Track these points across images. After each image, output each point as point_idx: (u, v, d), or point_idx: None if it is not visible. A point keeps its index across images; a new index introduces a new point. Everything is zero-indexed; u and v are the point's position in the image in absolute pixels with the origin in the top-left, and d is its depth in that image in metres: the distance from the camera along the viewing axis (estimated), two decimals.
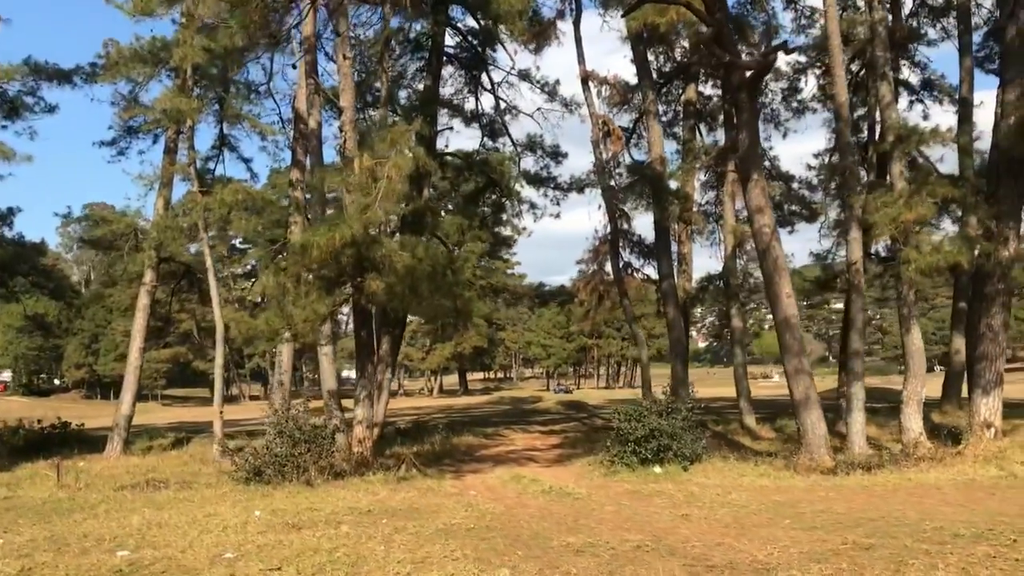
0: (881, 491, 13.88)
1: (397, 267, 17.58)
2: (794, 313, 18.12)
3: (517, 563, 9.12)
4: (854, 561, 8.72)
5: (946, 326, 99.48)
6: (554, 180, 30.30)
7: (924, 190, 17.68)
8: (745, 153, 17.75)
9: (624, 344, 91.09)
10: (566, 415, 40.07)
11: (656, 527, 11.22)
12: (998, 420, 18.88)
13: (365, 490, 15.38)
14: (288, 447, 17.18)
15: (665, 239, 23.85)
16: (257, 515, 12.64)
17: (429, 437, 25.93)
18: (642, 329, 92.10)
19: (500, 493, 15.06)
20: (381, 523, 11.83)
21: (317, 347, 23.21)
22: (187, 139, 25.37)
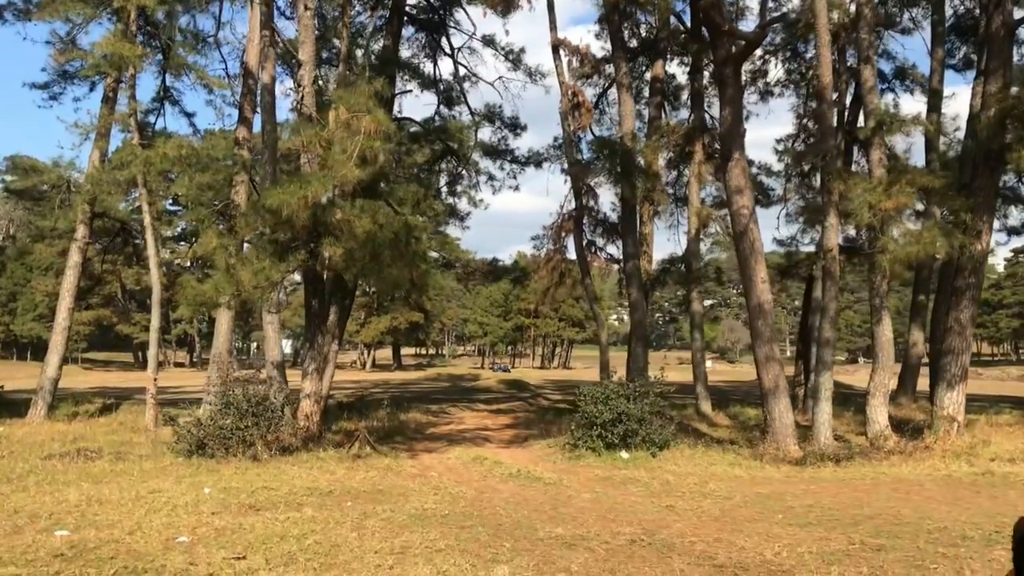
0: (861, 485, 13.43)
1: (357, 232, 16.54)
2: (768, 299, 17.63)
3: (510, 557, 8.32)
4: (871, 563, 8.14)
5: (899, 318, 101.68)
6: (511, 153, 29.43)
7: (903, 179, 17.26)
8: (727, 130, 17.12)
9: (561, 324, 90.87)
10: (509, 394, 39.35)
11: (644, 519, 10.52)
12: (961, 415, 18.75)
13: (319, 468, 14.43)
14: (235, 419, 16.07)
15: (632, 218, 23.17)
16: (207, 492, 11.62)
17: (374, 412, 24.95)
18: (580, 312, 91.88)
19: (464, 475, 14.23)
20: (346, 506, 10.93)
21: (263, 315, 22.05)
22: (129, 88, 23.73)
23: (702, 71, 26.85)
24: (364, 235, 16.63)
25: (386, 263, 16.82)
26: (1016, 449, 17.15)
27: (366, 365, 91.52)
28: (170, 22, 24.70)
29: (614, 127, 28.77)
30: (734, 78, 17.13)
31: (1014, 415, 21.91)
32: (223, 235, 22.05)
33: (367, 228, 16.65)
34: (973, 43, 28.57)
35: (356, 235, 16.58)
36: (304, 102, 19.53)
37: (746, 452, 17.31)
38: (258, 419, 16.35)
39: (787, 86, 29.38)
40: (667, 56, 26.94)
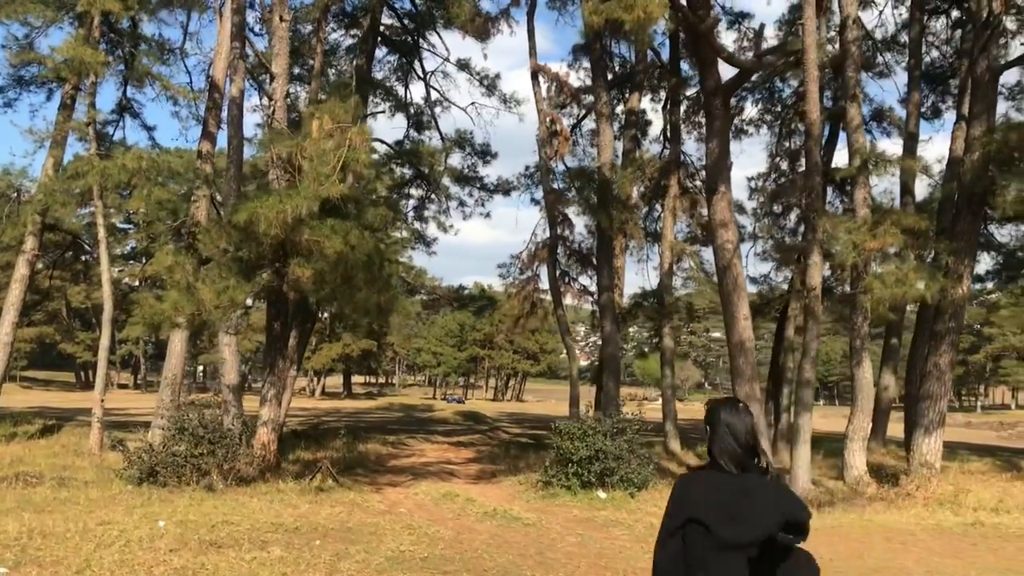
0: (852, 534, 12.89)
1: (327, 253, 15.76)
2: (750, 336, 17.19)
3: None
4: None
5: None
6: (480, 180, 28.87)
7: (888, 219, 16.99)
8: (714, 163, 16.74)
9: (515, 357, 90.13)
10: (467, 426, 38.49)
11: (638, 568, 9.84)
12: (938, 461, 18.41)
13: (281, 501, 13.50)
14: (190, 446, 15.09)
15: (608, 249, 22.66)
16: (162, 525, 10.67)
17: (330, 442, 24.02)
18: (535, 345, 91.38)
19: (436, 513, 13.42)
20: (315, 545, 10.07)
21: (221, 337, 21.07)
22: (89, 95, 22.74)
23: (679, 104, 26.63)
24: (335, 256, 15.87)
25: (358, 286, 16.07)
26: (995, 498, 16.82)
27: (315, 392, 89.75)
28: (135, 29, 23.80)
29: (587, 158, 28.45)
30: (723, 109, 16.79)
31: (985, 463, 21.70)
32: (180, 253, 21.12)
33: (338, 249, 15.88)
34: (940, 91, 28.90)
35: (327, 256, 15.82)
36: (276, 116, 18.79)
37: None
38: (214, 447, 15.40)
39: (759, 125, 29.29)
40: (643, 89, 26.66)
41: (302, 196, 13.30)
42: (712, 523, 3.38)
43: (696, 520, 3.42)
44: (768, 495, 3.47)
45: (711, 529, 3.37)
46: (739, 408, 3.63)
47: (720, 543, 3.36)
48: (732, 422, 3.60)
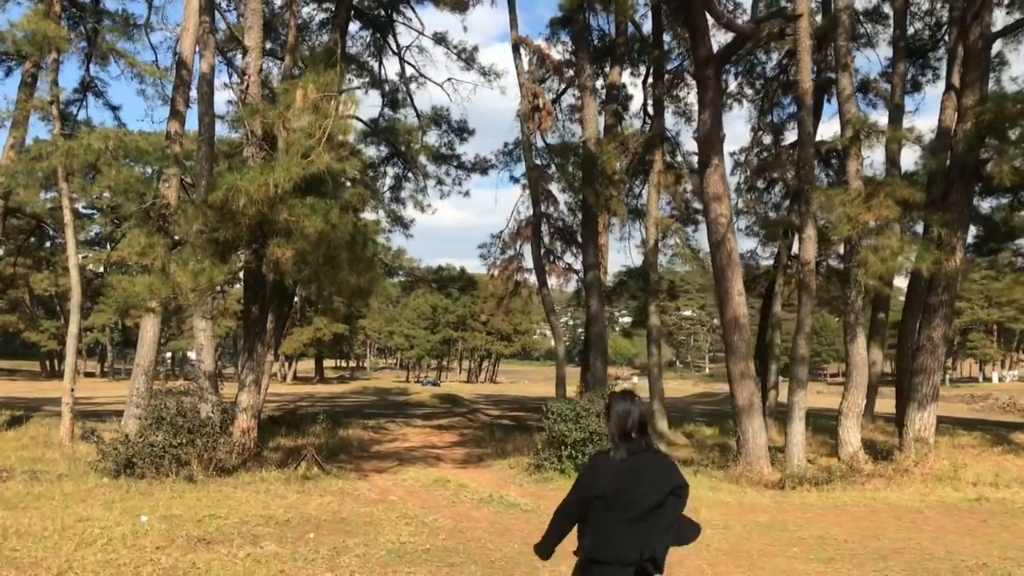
0: (858, 512, 12.57)
1: (308, 232, 15.11)
2: (744, 312, 16.79)
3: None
4: None
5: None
6: (457, 158, 28.23)
7: (882, 191, 16.63)
8: (706, 135, 16.25)
9: (489, 338, 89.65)
10: (445, 409, 37.96)
11: None
12: (932, 436, 18.19)
13: (267, 491, 12.91)
14: (168, 436, 14.43)
15: (593, 226, 22.17)
16: (145, 521, 10.06)
17: (310, 428, 23.37)
18: (509, 326, 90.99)
19: (430, 501, 12.91)
20: (309, 538, 9.53)
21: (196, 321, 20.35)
22: (51, 72, 21.77)
23: (662, 78, 26.11)
24: (316, 235, 15.24)
25: (341, 266, 15.44)
26: (991, 473, 16.68)
27: (287, 378, 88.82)
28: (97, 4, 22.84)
29: (567, 134, 27.90)
30: (715, 80, 16.29)
31: (974, 436, 21.56)
32: (152, 235, 20.31)
33: (319, 228, 15.25)
34: (920, 64, 28.61)
35: (307, 235, 15.18)
36: (249, 91, 18.04)
37: (719, 474, 16.39)
38: (194, 436, 14.76)
39: (740, 100, 28.87)
40: (623, 63, 26.09)
41: (285, 168, 12.62)
42: (612, 499, 4.17)
43: (600, 496, 4.20)
44: (656, 472, 4.30)
45: (611, 504, 4.17)
46: (631, 399, 4.45)
47: (620, 516, 4.16)
48: (625, 409, 4.41)
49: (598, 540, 4.24)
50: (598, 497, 4.21)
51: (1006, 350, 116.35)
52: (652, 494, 4.21)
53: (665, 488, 4.26)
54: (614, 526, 4.19)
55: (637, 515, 4.18)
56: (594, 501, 4.22)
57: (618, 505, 4.16)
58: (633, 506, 4.18)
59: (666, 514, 4.27)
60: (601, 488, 4.21)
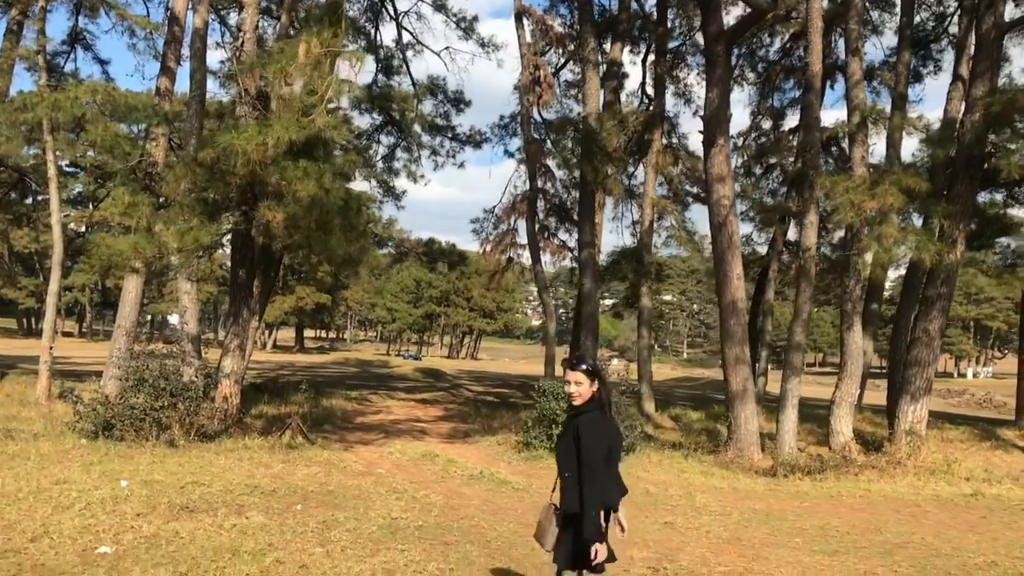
0: (855, 504, 12.36)
1: (301, 196, 14.68)
2: (742, 296, 16.52)
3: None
4: None
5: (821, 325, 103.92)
6: (452, 129, 27.72)
7: (887, 178, 16.32)
8: (713, 114, 15.88)
9: (472, 315, 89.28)
10: (428, 383, 37.61)
11: (648, 539, 9.13)
12: (923, 428, 18.01)
13: (250, 459, 12.55)
14: (149, 399, 14.02)
15: (590, 203, 21.77)
16: (125, 486, 9.68)
17: (292, 396, 22.97)
18: (491, 303, 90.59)
19: (418, 476, 12.59)
20: (296, 510, 9.19)
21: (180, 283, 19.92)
22: (38, 21, 21.09)
23: (664, 56, 25.68)
24: (309, 200, 14.82)
25: (334, 233, 15.02)
26: (980, 468, 16.52)
27: (266, 345, 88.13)
28: None
29: (563, 110, 27.45)
30: (725, 57, 15.92)
31: (962, 431, 21.46)
32: (138, 193, 19.76)
33: (312, 192, 14.83)
34: (923, 55, 28.32)
35: (300, 199, 14.75)
36: (245, 48, 17.51)
37: (709, 459, 16.16)
38: (176, 399, 14.35)
39: (740, 83, 28.49)
40: (625, 40, 25.62)
41: (284, 127, 12.16)
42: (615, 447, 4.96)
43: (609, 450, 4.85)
44: (619, 429, 5.34)
45: (613, 452, 4.91)
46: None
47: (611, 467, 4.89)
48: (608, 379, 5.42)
49: (603, 491, 4.74)
50: (611, 450, 4.88)
51: (982, 347, 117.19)
52: (619, 442, 5.10)
53: (621, 437, 5.24)
54: (609, 477, 4.85)
55: (615, 464, 4.98)
56: (610, 454, 4.88)
57: (611, 458, 4.88)
58: (616, 458, 4.97)
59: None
60: (610, 444, 4.87)
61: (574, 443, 4.80)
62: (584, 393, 4.93)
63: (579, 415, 4.93)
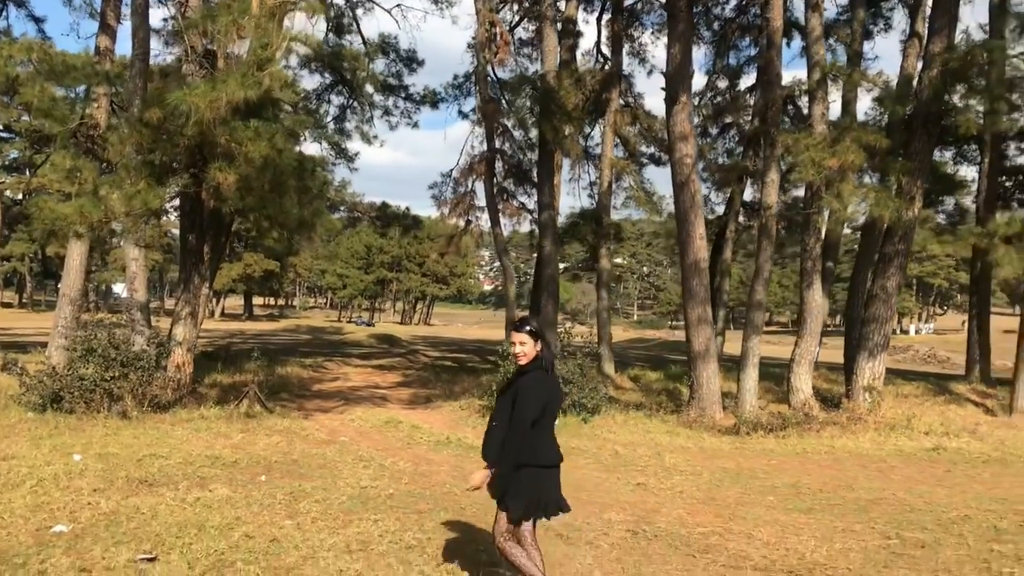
0: (822, 460, 12.40)
1: (253, 157, 14.17)
2: (705, 256, 16.44)
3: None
4: (932, 566, 6.87)
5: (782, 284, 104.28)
6: (405, 89, 27.08)
7: (848, 136, 16.26)
8: (675, 70, 15.63)
9: (424, 280, 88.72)
10: (383, 350, 37.20)
11: (623, 501, 9.00)
12: (880, 385, 18.18)
13: (208, 430, 12.19)
14: (99, 369, 13.51)
15: (549, 164, 21.42)
16: (78, 460, 9.27)
17: (245, 364, 22.45)
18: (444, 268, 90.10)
19: (383, 443, 12.32)
20: (261, 481, 8.87)
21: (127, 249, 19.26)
22: None
23: (622, 12, 25.32)
24: (262, 161, 14.32)
25: (289, 194, 14.55)
26: (938, 422, 16.70)
27: (215, 313, 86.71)
28: None
29: (519, 68, 26.98)
30: (687, 11, 15.65)
31: (916, 387, 21.76)
32: (80, 157, 19.00)
33: (264, 152, 14.33)
34: (873, 13, 28.33)
35: (252, 160, 14.24)
36: (190, 3, 16.81)
37: (672, 419, 16.14)
38: (127, 369, 13.85)
39: (696, 43, 28.20)
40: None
41: (238, 83, 11.63)
42: (552, 406, 5.23)
43: (548, 408, 5.15)
44: (558, 382, 5.51)
45: (551, 414, 5.21)
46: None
47: (551, 424, 5.24)
48: (549, 340, 5.54)
49: (547, 447, 5.19)
50: (548, 408, 5.16)
51: (924, 304, 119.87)
52: (559, 400, 5.45)
53: (562, 396, 5.73)
54: (551, 434, 5.24)
55: (553, 421, 5.30)
56: (545, 412, 5.13)
57: (549, 414, 5.18)
58: (553, 413, 5.28)
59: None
60: (545, 402, 5.11)
61: (511, 401, 5.11)
62: (529, 353, 5.18)
63: (523, 375, 5.19)
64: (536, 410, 5.03)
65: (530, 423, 5.01)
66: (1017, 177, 27.14)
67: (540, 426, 5.09)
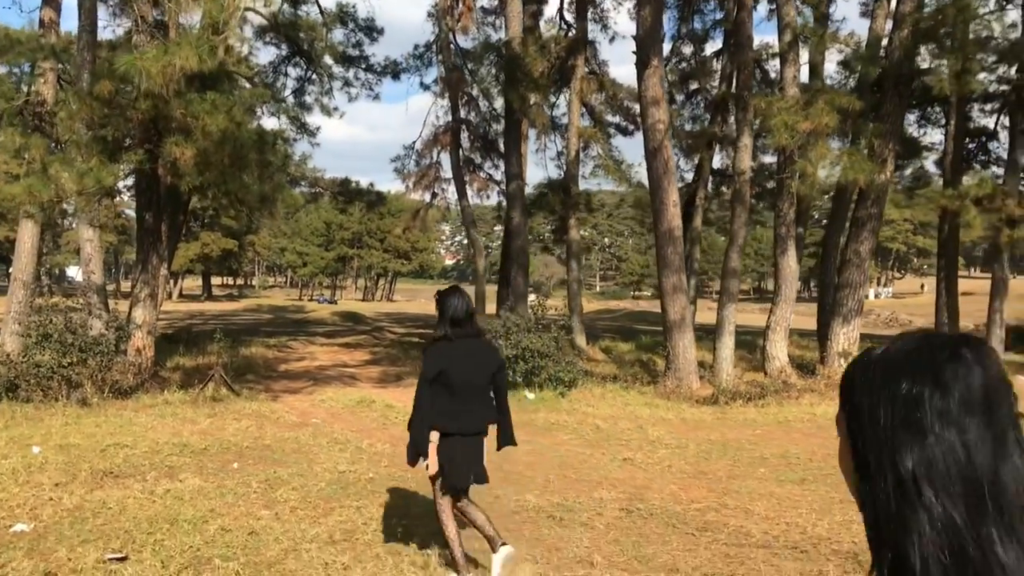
0: (805, 428, 12.21)
1: (211, 131, 13.59)
2: (678, 225, 16.13)
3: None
4: None
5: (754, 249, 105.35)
6: (366, 60, 26.34)
7: (820, 98, 16.01)
8: (647, 33, 15.23)
9: (386, 256, 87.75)
10: (348, 327, 36.66)
11: (611, 478, 8.69)
12: (856, 349, 18.09)
13: (173, 415, 11.68)
14: (56, 355, 12.91)
15: (516, 134, 20.95)
16: (37, 452, 8.76)
17: (207, 346, 21.86)
18: (406, 243, 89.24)
19: (356, 424, 11.92)
20: (233, 469, 8.45)
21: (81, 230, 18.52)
22: None
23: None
24: (220, 135, 13.76)
25: (250, 168, 13.99)
26: None
27: (172, 294, 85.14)
28: None
29: (481, 37, 26.37)
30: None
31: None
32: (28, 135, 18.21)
33: (222, 126, 13.78)
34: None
35: (210, 134, 13.67)
36: None
37: (648, 390, 15.91)
38: (86, 355, 13.28)
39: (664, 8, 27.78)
40: None
41: (193, 47, 11.03)
42: (452, 377, 5.11)
43: (441, 376, 5.10)
44: (482, 352, 5.35)
45: (451, 382, 5.10)
46: (458, 293, 5.35)
47: (459, 392, 5.13)
48: (453, 302, 5.24)
49: (445, 415, 5.15)
50: (441, 377, 5.12)
51: (883, 268, 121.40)
52: (481, 371, 5.27)
53: (491, 367, 5.33)
54: (456, 402, 5.15)
55: (473, 392, 5.21)
56: (438, 381, 5.12)
57: (457, 383, 5.12)
58: (468, 383, 5.17)
59: (501, 392, 5.45)
60: (440, 368, 5.12)
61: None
62: (438, 322, 5.33)
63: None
64: (429, 371, 5.13)
65: (422, 385, 5.17)
66: (980, 139, 27.17)
67: (451, 393, 5.13)
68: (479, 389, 5.27)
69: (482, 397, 5.30)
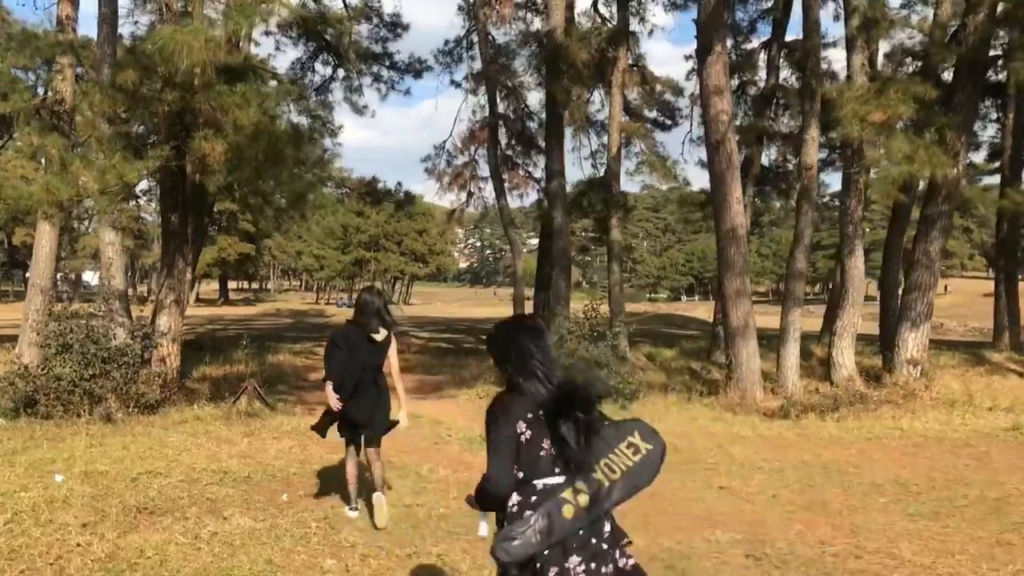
0: (901, 446, 11.03)
1: (243, 124, 12.58)
2: (743, 223, 15.03)
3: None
4: None
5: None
6: (391, 57, 25.35)
7: (892, 87, 14.86)
8: (709, 17, 14.14)
9: (403, 259, 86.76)
10: None
11: (716, 511, 7.59)
12: (925, 357, 16.93)
13: (206, 434, 10.61)
14: (78, 368, 11.90)
15: (558, 128, 19.86)
16: (59, 481, 7.69)
17: (233, 353, 20.86)
18: (423, 246, 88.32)
19: (406, 443, 10.68)
20: (282, 502, 7.41)
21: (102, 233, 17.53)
22: None
23: None
24: (253, 129, 12.74)
25: (287, 165, 12.96)
26: (993, 397, 15.46)
27: (190, 299, 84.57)
28: None
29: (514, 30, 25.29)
30: None
31: (952, 357, 20.60)
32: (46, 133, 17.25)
33: (254, 120, 12.76)
34: None
35: (242, 128, 12.66)
36: None
37: (711, 402, 14.81)
38: (109, 366, 12.26)
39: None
40: None
41: (245, 15, 9.98)
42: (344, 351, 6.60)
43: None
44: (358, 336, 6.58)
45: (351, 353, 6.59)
46: (374, 292, 6.80)
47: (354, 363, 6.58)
48: (367, 299, 6.59)
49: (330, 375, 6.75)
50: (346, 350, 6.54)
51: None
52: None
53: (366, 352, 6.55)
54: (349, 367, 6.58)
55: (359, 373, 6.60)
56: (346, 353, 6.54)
57: (353, 358, 6.53)
58: (356, 364, 6.54)
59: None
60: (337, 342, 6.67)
61: None
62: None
63: None
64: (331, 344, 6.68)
65: (327, 352, 6.76)
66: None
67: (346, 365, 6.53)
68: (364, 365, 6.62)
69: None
